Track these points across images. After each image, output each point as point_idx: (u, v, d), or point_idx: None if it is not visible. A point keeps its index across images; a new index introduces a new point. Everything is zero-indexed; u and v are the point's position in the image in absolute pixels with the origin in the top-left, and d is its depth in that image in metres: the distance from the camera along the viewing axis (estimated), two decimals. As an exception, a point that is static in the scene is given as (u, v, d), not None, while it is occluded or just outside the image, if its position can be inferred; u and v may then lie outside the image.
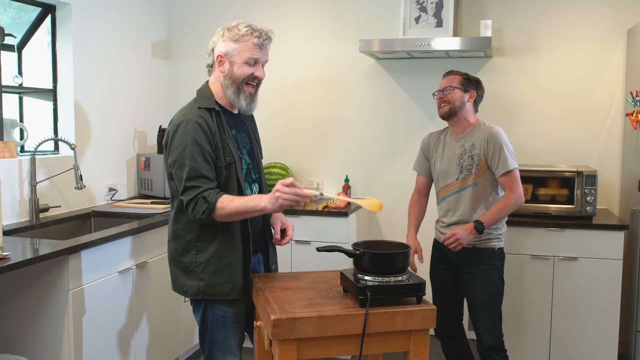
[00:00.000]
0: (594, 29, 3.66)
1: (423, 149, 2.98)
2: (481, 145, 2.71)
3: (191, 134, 2.07)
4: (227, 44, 2.13)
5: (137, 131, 4.03)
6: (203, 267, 2.15)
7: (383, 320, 1.85)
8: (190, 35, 4.35)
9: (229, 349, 2.19)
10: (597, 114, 3.69)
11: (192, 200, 2.04)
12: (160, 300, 3.19)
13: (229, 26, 2.16)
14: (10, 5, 3.29)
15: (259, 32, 2.14)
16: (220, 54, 2.15)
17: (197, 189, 2.04)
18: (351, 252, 2.00)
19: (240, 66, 2.13)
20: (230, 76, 2.14)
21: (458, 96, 2.79)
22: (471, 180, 2.73)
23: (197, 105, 2.15)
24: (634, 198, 3.31)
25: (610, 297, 3.22)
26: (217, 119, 2.16)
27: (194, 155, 2.05)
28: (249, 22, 2.17)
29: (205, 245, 2.15)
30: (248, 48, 2.12)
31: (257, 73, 2.16)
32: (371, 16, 3.99)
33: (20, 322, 2.59)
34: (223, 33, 2.15)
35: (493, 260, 2.74)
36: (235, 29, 2.13)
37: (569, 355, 3.30)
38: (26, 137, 3.22)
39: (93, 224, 3.41)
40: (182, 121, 2.11)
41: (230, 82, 2.15)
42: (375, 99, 4.04)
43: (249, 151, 2.29)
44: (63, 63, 3.42)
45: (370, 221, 4.11)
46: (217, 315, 2.18)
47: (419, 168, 3.03)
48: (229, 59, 2.13)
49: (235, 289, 2.15)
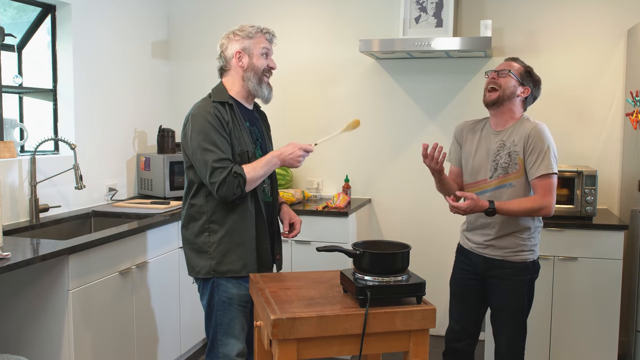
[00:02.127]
0: (594, 29, 3.66)
1: (456, 135, 2.68)
2: (522, 142, 2.42)
3: (209, 122, 2.23)
4: (242, 41, 2.36)
5: (137, 131, 4.03)
6: (215, 247, 2.30)
7: (383, 320, 1.85)
8: (190, 35, 4.35)
9: (232, 332, 2.30)
10: (597, 114, 3.69)
11: (224, 180, 2.19)
12: (160, 300, 3.19)
13: (234, 29, 2.38)
14: (10, 5, 3.29)
15: (265, 29, 2.40)
16: (238, 50, 2.35)
17: (225, 169, 2.20)
18: (351, 252, 2.00)
19: (259, 58, 2.36)
20: (251, 68, 2.36)
21: (511, 85, 2.48)
22: (509, 180, 2.45)
23: (212, 100, 2.32)
24: (634, 198, 3.31)
25: (610, 297, 3.22)
26: (231, 112, 2.32)
27: (215, 140, 2.22)
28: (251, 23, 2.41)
29: (218, 226, 2.30)
30: (261, 41, 2.38)
31: (271, 64, 2.41)
32: (371, 16, 3.99)
33: (20, 322, 2.59)
34: (233, 34, 2.37)
35: (524, 275, 2.48)
36: (244, 29, 2.37)
37: (569, 355, 3.30)
38: (26, 137, 3.22)
39: (93, 224, 3.41)
40: (198, 112, 2.28)
41: (252, 74, 2.36)
42: (375, 98, 4.04)
43: (261, 145, 2.44)
44: (63, 63, 3.42)
45: (370, 221, 4.12)
46: (223, 297, 2.30)
47: (452, 158, 2.71)
48: (247, 52, 2.35)
49: (247, 266, 2.31)
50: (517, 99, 2.51)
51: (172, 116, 4.37)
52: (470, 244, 2.59)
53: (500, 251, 2.49)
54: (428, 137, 3.93)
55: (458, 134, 2.68)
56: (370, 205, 4.11)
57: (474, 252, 2.58)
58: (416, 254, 2.67)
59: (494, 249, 2.50)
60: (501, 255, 2.48)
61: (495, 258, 2.50)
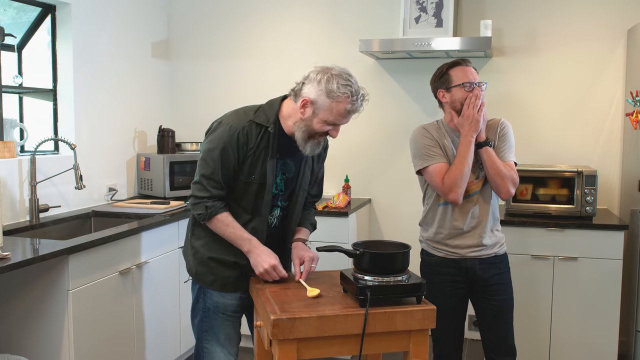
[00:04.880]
0: (594, 29, 3.66)
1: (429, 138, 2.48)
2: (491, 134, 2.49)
3: (226, 140, 2.08)
4: (320, 94, 2.00)
5: (137, 131, 4.03)
6: (194, 252, 2.25)
7: (383, 320, 1.85)
8: (190, 35, 4.35)
9: (218, 339, 2.24)
10: (597, 114, 3.69)
11: (197, 198, 2.14)
12: (160, 300, 3.19)
13: (330, 74, 2.00)
14: (10, 5, 3.29)
15: (356, 97, 2.00)
16: (307, 99, 2.02)
17: (206, 191, 2.12)
18: (351, 252, 2.00)
19: (321, 123, 2.03)
20: (307, 124, 2.05)
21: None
22: None
23: (253, 118, 2.10)
24: (634, 198, 3.31)
25: (610, 297, 3.22)
26: (266, 138, 2.10)
27: (218, 159, 2.09)
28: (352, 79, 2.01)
29: (200, 232, 2.24)
30: (337, 112, 2.01)
31: (332, 133, 2.08)
32: (371, 16, 3.99)
33: (20, 322, 2.59)
34: (321, 79, 2.00)
35: (508, 264, 2.57)
36: (335, 83, 1.98)
37: (569, 355, 3.30)
38: (26, 137, 3.22)
39: (93, 224, 3.41)
40: (228, 124, 2.10)
41: (304, 128, 2.06)
42: (375, 99, 4.03)
43: (288, 179, 2.22)
44: (63, 63, 3.42)
45: (370, 221, 4.12)
46: (209, 304, 2.23)
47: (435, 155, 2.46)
48: (314, 108, 2.02)
49: (217, 281, 2.21)
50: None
51: (172, 116, 4.37)
52: (460, 250, 2.48)
53: (493, 248, 2.51)
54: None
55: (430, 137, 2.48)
56: (370, 205, 4.11)
57: (468, 258, 2.49)
58: (416, 254, 2.66)
59: (488, 248, 2.49)
60: (495, 252, 2.51)
61: (490, 256, 2.50)
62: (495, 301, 2.53)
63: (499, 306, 2.53)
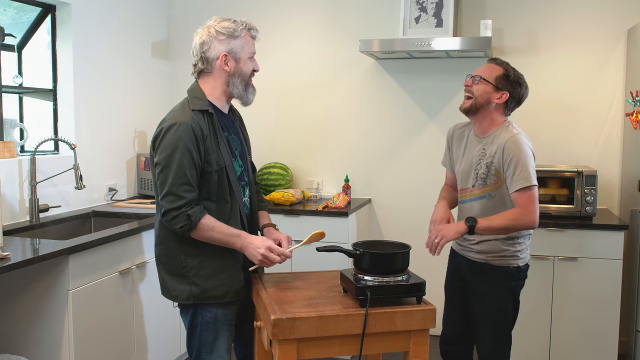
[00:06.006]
0: (594, 29, 3.66)
1: (448, 140, 2.60)
2: (498, 153, 2.31)
3: (182, 139, 2.00)
4: (228, 41, 2.12)
5: (137, 131, 4.03)
6: (196, 271, 2.09)
7: (383, 320, 1.85)
8: (190, 35, 4.26)
9: (217, 351, 2.15)
10: (597, 114, 3.69)
11: (174, 210, 2.00)
12: (160, 300, 3.17)
13: (213, 26, 2.12)
14: (10, 5, 3.29)
15: (249, 25, 2.17)
16: (224, 53, 2.11)
17: (181, 199, 1.99)
18: (351, 252, 2.00)
19: (246, 62, 2.15)
20: (238, 74, 2.15)
21: (483, 92, 2.35)
22: (488, 191, 2.37)
23: (191, 107, 2.08)
24: (634, 198, 3.30)
25: (610, 297, 3.22)
26: (210, 121, 2.10)
27: (182, 161, 1.99)
28: (227, 17, 2.17)
29: (195, 248, 2.08)
30: (247, 43, 2.16)
31: (256, 67, 2.21)
32: (371, 16, 3.99)
33: (20, 322, 2.59)
34: (217, 33, 2.11)
35: (506, 281, 2.39)
36: (228, 26, 2.12)
37: (569, 355, 3.30)
38: (26, 137, 3.22)
39: (93, 224, 3.41)
40: (175, 123, 2.03)
41: (239, 80, 2.15)
42: (375, 99, 4.04)
43: (241, 153, 2.24)
44: (63, 63, 3.42)
45: (370, 221, 4.12)
46: (207, 318, 2.13)
47: (446, 163, 2.63)
48: (233, 56, 2.13)
49: (230, 291, 2.12)
50: (494, 105, 2.36)
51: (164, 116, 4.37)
52: (457, 245, 2.57)
53: (483, 255, 2.42)
54: (428, 136, 3.94)
55: (449, 139, 2.60)
56: (370, 205, 4.11)
57: (460, 254, 2.55)
58: (416, 254, 2.66)
59: (478, 253, 2.44)
60: (484, 259, 2.41)
61: (478, 261, 2.43)
62: (474, 308, 2.48)
63: (478, 314, 2.47)
